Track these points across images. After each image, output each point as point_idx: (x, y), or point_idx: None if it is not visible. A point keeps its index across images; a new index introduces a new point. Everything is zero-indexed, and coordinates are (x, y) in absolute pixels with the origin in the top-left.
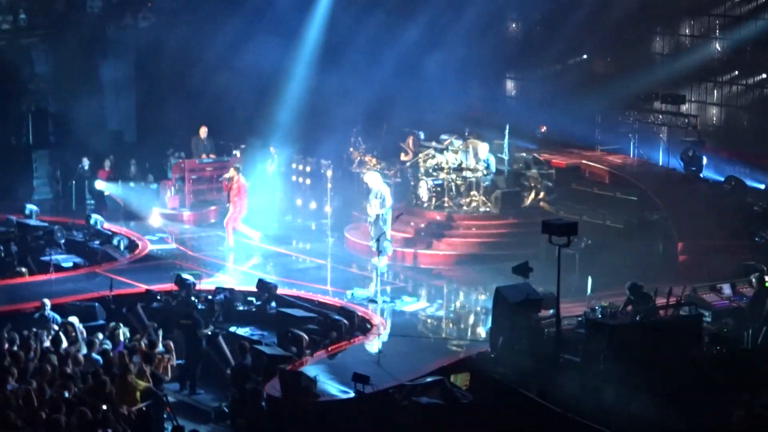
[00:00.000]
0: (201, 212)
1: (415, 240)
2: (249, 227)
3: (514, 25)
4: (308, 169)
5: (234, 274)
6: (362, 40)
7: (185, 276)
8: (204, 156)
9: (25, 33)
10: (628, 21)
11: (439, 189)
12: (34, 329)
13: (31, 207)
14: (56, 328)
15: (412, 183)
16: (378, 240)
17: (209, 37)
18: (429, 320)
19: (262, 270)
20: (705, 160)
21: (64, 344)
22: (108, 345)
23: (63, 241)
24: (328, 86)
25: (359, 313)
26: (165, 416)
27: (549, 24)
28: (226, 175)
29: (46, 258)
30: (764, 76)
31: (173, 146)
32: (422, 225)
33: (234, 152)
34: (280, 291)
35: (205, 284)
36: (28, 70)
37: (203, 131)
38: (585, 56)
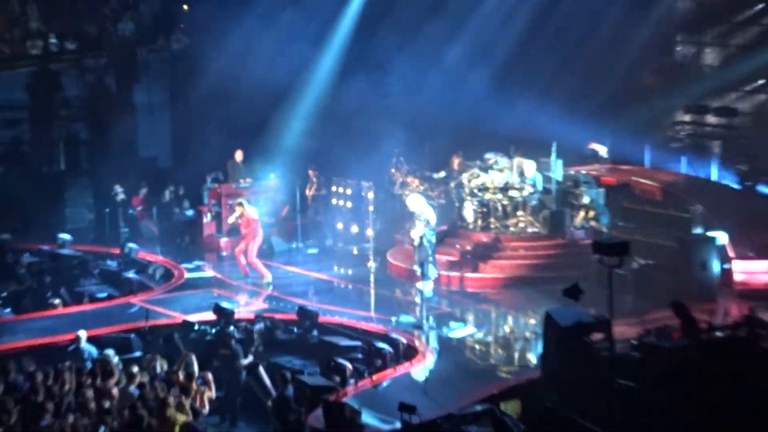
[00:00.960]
0: (238, 238)
1: (460, 263)
2: (262, 265)
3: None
4: (349, 191)
5: (273, 301)
6: (405, 58)
7: (223, 305)
8: (241, 180)
9: (56, 57)
10: (674, 31)
11: (484, 210)
12: (69, 363)
13: (63, 236)
14: (92, 361)
15: (457, 204)
16: (422, 264)
17: (244, 58)
18: (477, 346)
19: (304, 297)
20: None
21: (100, 378)
22: (145, 377)
23: (97, 271)
24: (370, 106)
25: (404, 341)
26: None
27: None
28: (234, 216)
29: (80, 289)
30: None
31: (210, 171)
32: (468, 247)
33: (271, 175)
34: (321, 318)
35: (244, 313)
36: (59, 96)
37: (239, 155)
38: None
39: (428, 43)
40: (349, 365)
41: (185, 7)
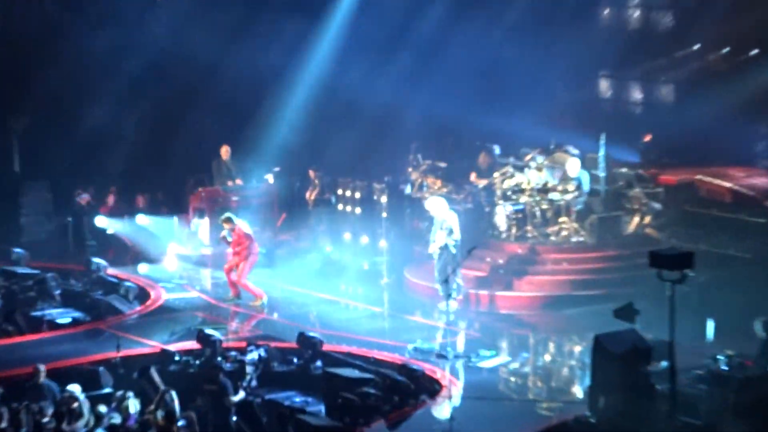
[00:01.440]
0: (227, 252)
1: (491, 279)
2: (254, 286)
3: (607, 13)
4: (357, 195)
5: (269, 326)
6: (423, 39)
7: (209, 331)
8: (229, 182)
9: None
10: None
11: (520, 216)
12: (26, 402)
13: (18, 251)
14: (53, 400)
15: (487, 209)
16: (446, 281)
17: (232, 41)
18: (512, 378)
19: (305, 321)
20: None
21: (66, 421)
22: (116, 418)
23: (59, 291)
24: (381, 94)
25: (425, 372)
26: None
27: (651, 10)
28: (223, 234)
29: (39, 313)
30: None
31: (192, 171)
32: (500, 260)
33: (266, 176)
34: (326, 347)
35: (234, 340)
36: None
37: (225, 152)
38: (697, 47)
39: (450, 10)
40: (359, 402)
41: None
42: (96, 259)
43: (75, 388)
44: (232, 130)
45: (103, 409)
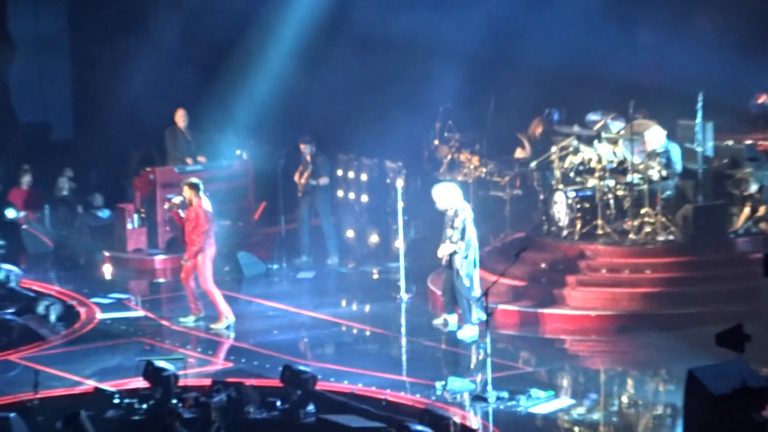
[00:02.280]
0: (180, 256)
1: (546, 292)
2: (221, 300)
3: None
4: (364, 177)
5: (243, 357)
6: None
7: (161, 364)
8: (188, 160)
9: None
10: None
11: (587, 205)
12: None
13: None
14: None
15: (542, 196)
16: (456, 297)
17: None
18: (576, 428)
19: (291, 350)
20: None
21: None
22: None
23: None
24: (397, 33)
25: (457, 419)
26: None
27: None
28: (175, 200)
29: None
30: None
31: (136, 145)
32: (559, 266)
33: (238, 152)
34: (320, 385)
35: (195, 377)
36: None
37: (181, 117)
38: None
39: None
40: None
41: None
42: (5, 266)
43: None
44: (192, 86)
45: None
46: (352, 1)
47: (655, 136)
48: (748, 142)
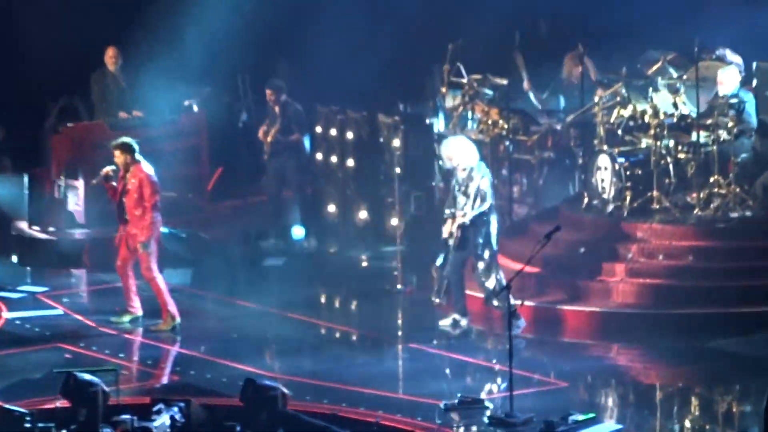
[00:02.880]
0: (113, 236)
1: (583, 284)
2: (168, 295)
3: None
4: (350, 135)
5: (192, 368)
6: None
7: (86, 377)
8: (122, 114)
9: None
10: None
11: (638, 171)
12: None
13: None
14: None
15: (581, 160)
16: (503, 289)
17: None
18: None
19: (255, 360)
20: None
21: None
22: None
23: None
24: None
25: None
26: None
27: None
28: (105, 171)
29: None
30: None
31: (55, 94)
32: (602, 250)
33: (187, 102)
34: (293, 405)
35: (130, 394)
36: None
37: (111, 58)
38: None
39: None
40: None
41: None
42: None
43: None
44: (127, 15)
45: None
46: None
47: (731, 77)
48: None
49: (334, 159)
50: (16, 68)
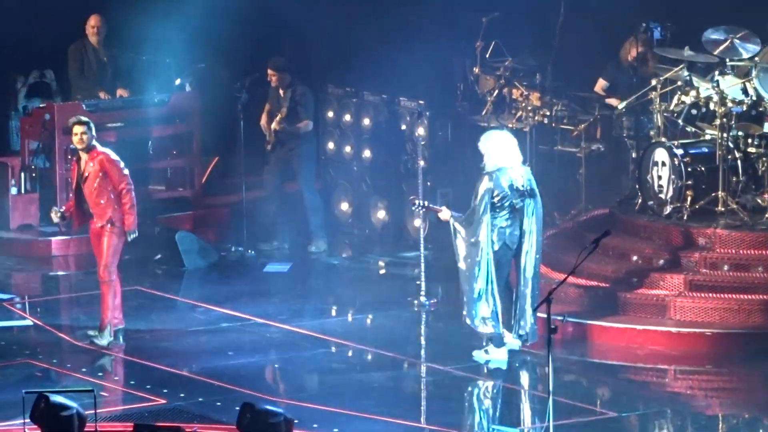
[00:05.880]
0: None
1: (634, 299)
2: (116, 303)
3: None
4: (367, 122)
5: (181, 390)
6: None
7: (58, 399)
8: (102, 94)
9: None
10: None
11: (701, 168)
12: None
13: None
14: None
15: (635, 153)
16: (482, 298)
17: None
18: None
19: (254, 381)
20: None
21: None
22: None
23: None
24: None
25: None
26: None
27: None
28: (52, 214)
29: None
30: None
31: (26, 68)
32: (658, 260)
33: (178, 81)
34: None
35: (109, 419)
36: None
37: (93, 28)
38: None
39: None
40: None
41: None
42: None
43: None
44: None
45: None
46: None
47: None
48: None
49: (347, 149)
50: None
